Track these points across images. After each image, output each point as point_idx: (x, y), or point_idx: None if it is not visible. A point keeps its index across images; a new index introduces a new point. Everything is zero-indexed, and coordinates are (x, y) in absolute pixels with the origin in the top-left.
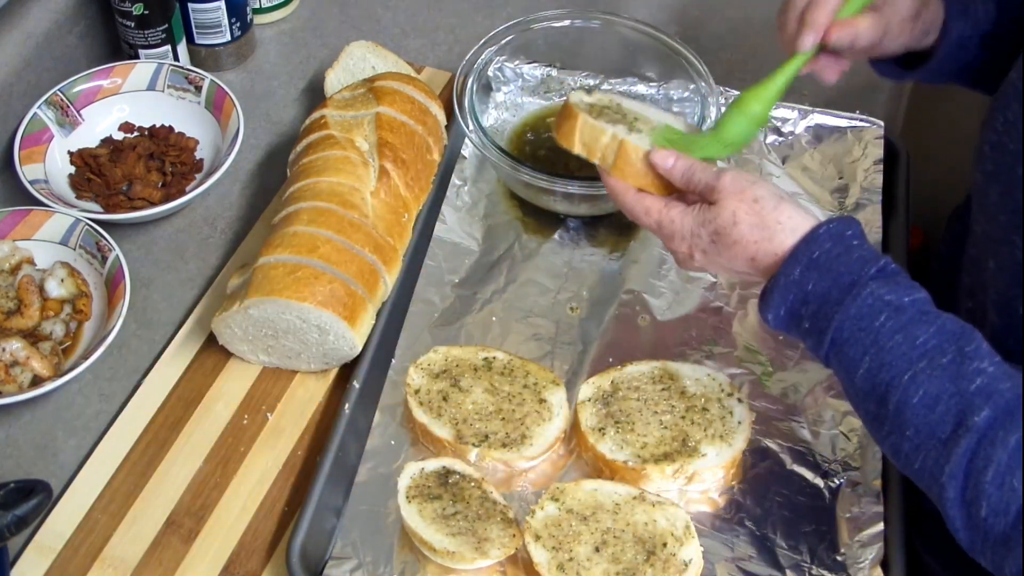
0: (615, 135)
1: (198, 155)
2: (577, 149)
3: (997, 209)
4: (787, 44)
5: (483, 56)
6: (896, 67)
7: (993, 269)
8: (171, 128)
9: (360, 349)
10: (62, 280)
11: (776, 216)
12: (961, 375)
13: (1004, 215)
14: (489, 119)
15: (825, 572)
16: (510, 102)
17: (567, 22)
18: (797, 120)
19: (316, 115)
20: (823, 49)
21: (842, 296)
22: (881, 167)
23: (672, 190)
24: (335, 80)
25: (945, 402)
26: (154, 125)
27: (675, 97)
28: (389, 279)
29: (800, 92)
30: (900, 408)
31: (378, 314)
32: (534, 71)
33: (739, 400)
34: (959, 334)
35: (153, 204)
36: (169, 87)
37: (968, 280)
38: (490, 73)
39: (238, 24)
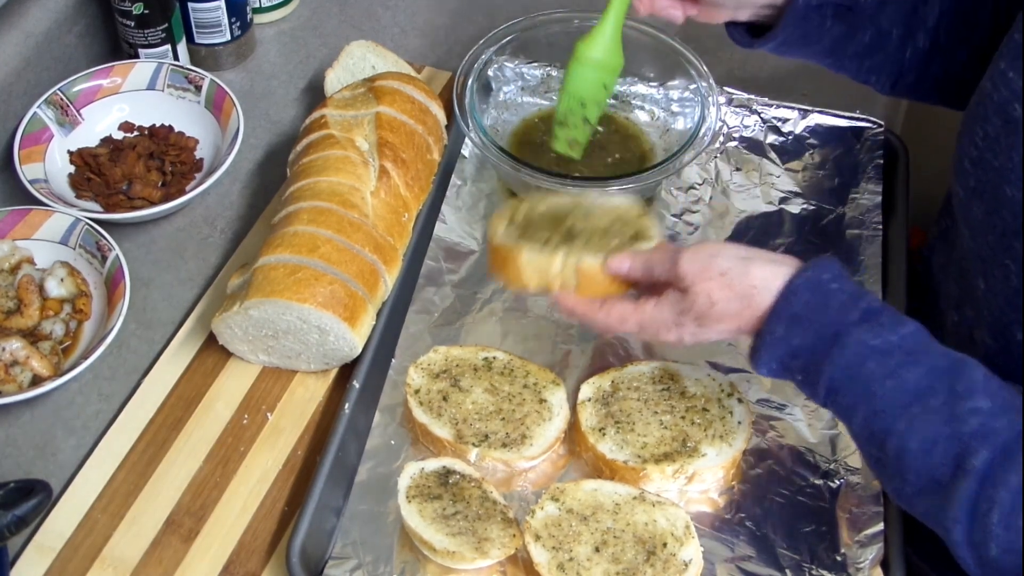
0: (566, 260)
1: (198, 155)
2: (532, 286)
3: (984, 228)
4: None
5: (483, 56)
6: (746, 35)
7: (984, 290)
8: (171, 128)
9: (360, 350)
10: (62, 280)
11: (749, 282)
12: (955, 417)
13: (992, 236)
14: (489, 119)
15: (825, 572)
16: (510, 102)
17: (567, 22)
18: (797, 120)
19: (316, 115)
20: None
21: (828, 348)
22: (881, 167)
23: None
24: (335, 80)
25: (942, 446)
26: (154, 125)
27: (675, 97)
28: (389, 279)
29: (800, 92)
30: (899, 454)
31: (378, 314)
32: (534, 71)
33: (739, 400)
34: (949, 371)
35: (153, 204)
36: (169, 87)
37: (956, 292)
38: (490, 73)
39: (238, 24)
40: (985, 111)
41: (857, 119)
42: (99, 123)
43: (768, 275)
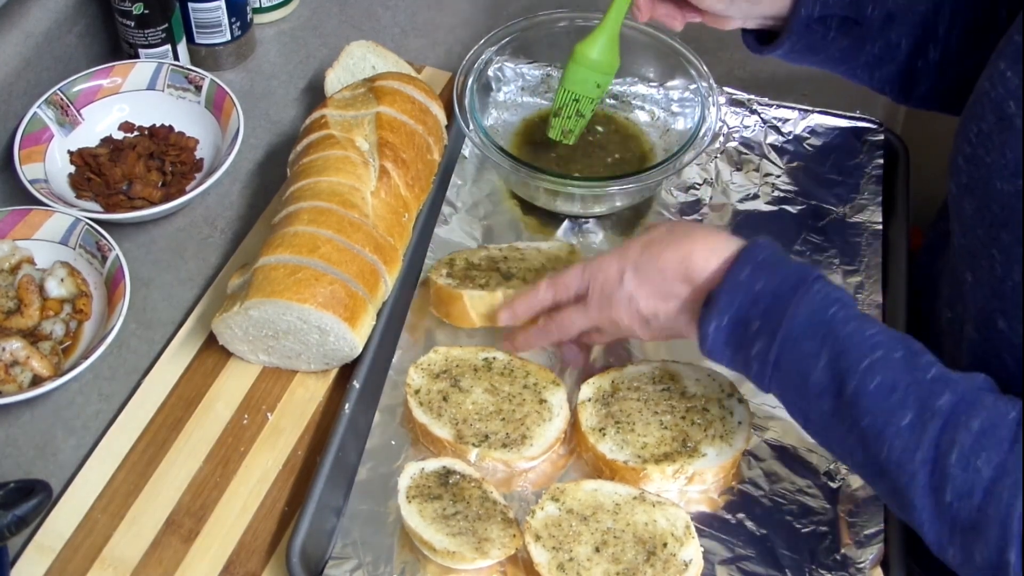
0: (507, 295)
1: (198, 155)
2: (478, 324)
3: (973, 223)
4: None
5: (483, 56)
6: (755, 41)
7: (971, 283)
8: (171, 128)
9: (360, 350)
10: (62, 280)
11: (701, 226)
12: (915, 366)
13: (981, 229)
14: (489, 119)
15: (825, 572)
16: (510, 102)
17: (567, 22)
18: (797, 120)
19: (316, 115)
20: None
21: (793, 291)
22: (881, 167)
23: None
24: (335, 80)
25: (903, 390)
26: (154, 125)
27: (675, 97)
28: (389, 279)
29: (800, 92)
30: (857, 395)
31: (378, 314)
32: (534, 71)
33: (739, 400)
34: (903, 337)
35: (153, 204)
36: (169, 87)
37: (948, 291)
38: (490, 73)
39: (238, 24)
40: (981, 109)
41: (857, 119)
42: (99, 123)
43: (712, 229)
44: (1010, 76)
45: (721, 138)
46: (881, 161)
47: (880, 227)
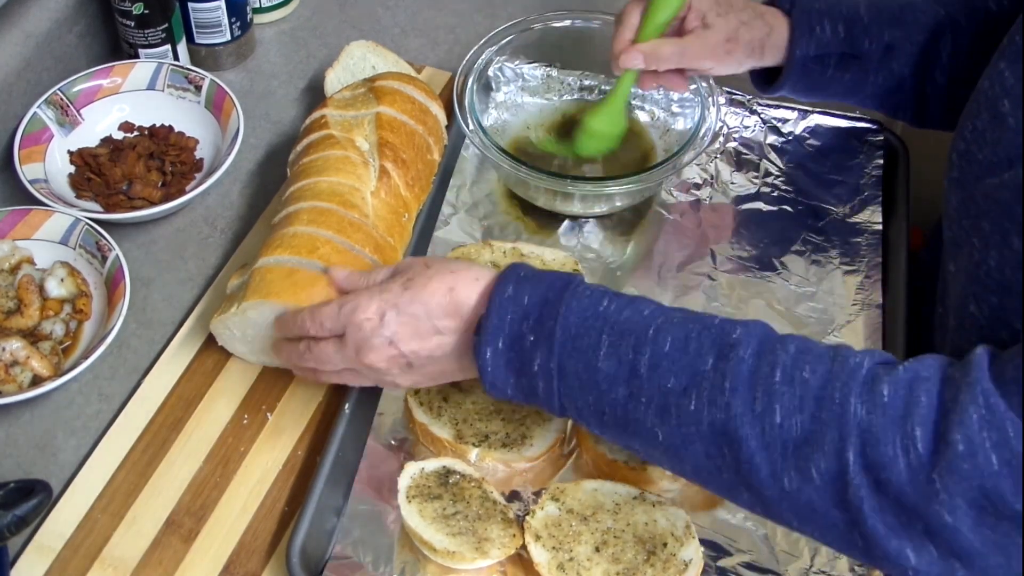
0: None
1: (198, 155)
2: None
3: (958, 214)
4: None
5: (483, 56)
6: (761, 81)
7: (952, 272)
8: (171, 128)
9: None
10: (62, 280)
11: (461, 260)
12: (699, 319)
13: (966, 219)
14: (489, 119)
15: (825, 572)
16: (510, 102)
17: (567, 22)
18: (797, 120)
19: (316, 115)
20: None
21: (559, 296)
22: (881, 167)
23: None
24: (335, 80)
25: (696, 339)
26: (154, 125)
27: (675, 97)
28: None
29: None
30: (654, 364)
31: None
32: (534, 71)
33: None
34: (681, 308)
35: (153, 204)
36: (169, 87)
37: (939, 286)
38: (490, 73)
39: (238, 24)
40: (977, 107)
41: (857, 119)
42: (99, 123)
43: (471, 263)
44: (1008, 75)
45: (721, 138)
46: (881, 161)
47: (880, 227)
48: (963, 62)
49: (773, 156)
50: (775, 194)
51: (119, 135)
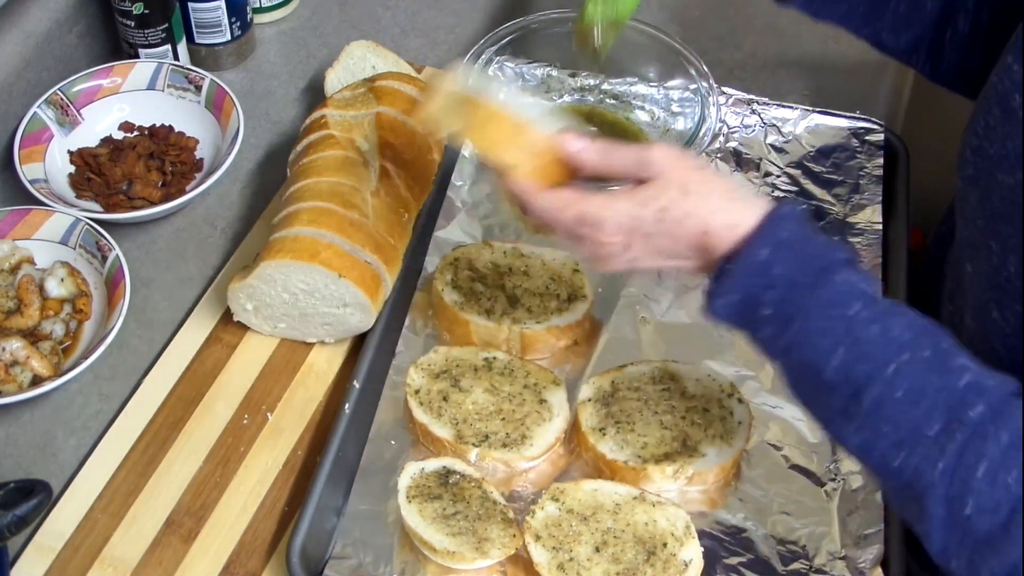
0: (511, 328)
1: (198, 155)
2: (480, 346)
3: (975, 214)
4: None
5: (483, 56)
6: None
7: (970, 273)
8: (171, 128)
9: (374, 320)
10: (62, 280)
11: (728, 184)
12: (947, 370)
13: (981, 220)
14: None
15: (825, 572)
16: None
17: (567, 22)
18: (797, 120)
19: (316, 115)
20: None
21: (814, 281)
22: (881, 167)
23: None
24: (335, 80)
25: (932, 397)
26: (154, 125)
27: (675, 97)
28: (390, 279)
29: (800, 92)
30: (880, 403)
31: (377, 316)
32: (534, 71)
33: (739, 400)
34: (931, 330)
35: (153, 204)
36: (169, 87)
37: (950, 285)
38: (490, 73)
39: (238, 24)
40: (988, 102)
41: (857, 119)
42: (99, 123)
43: (748, 191)
44: (1016, 69)
45: (721, 138)
46: (881, 161)
47: (880, 227)
48: (988, 16)
49: (773, 156)
50: (775, 194)
51: (119, 135)
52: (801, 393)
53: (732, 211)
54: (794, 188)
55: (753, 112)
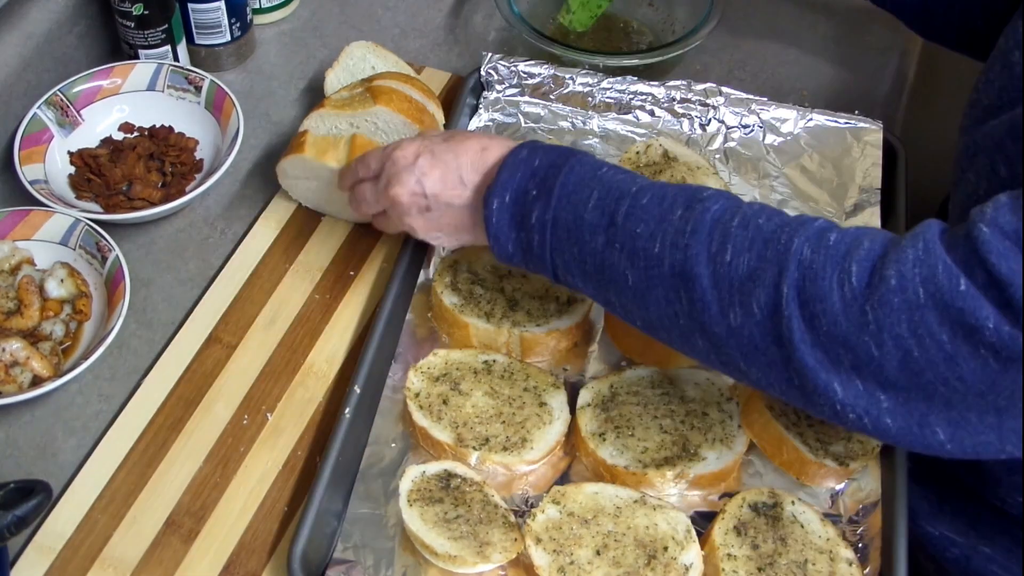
0: (511, 331)
1: (198, 155)
2: (479, 349)
3: (960, 157)
4: None
5: (483, 55)
6: None
7: (951, 210)
8: (171, 128)
9: None
10: (62, 280)
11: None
12: (683, 188)
13: (965, 159)
14: (480, 120)
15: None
16: (508, 102)
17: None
18: (796, 120)
19: (301, 128)
20: None
21: (565, 160)
22: (880, 167)
23: None
24: (335, 80)
25: (672, 196)
26: (154, 125)
27: (678, 98)
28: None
29: (799, 92)
30: (630, 213)
31: (377, 317)
32: (534, 71)
33: (738, 404)
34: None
35: (153, 204)
36: (169, 87)
37: None
38: (489, 72)
39: (238, 24)
40: (992, 61)
41: (856, 120)
42: (99, 124)
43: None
44: (1019, 27)
45: (721, 138)
46: (879, 162)
47: (879, 227)
48: None
49: (772, 156)
50: (774, 195)
51: (119, 136)
52: (576, 263)
53: (507, 140)
54: (793, 189)
55: (752, 112)
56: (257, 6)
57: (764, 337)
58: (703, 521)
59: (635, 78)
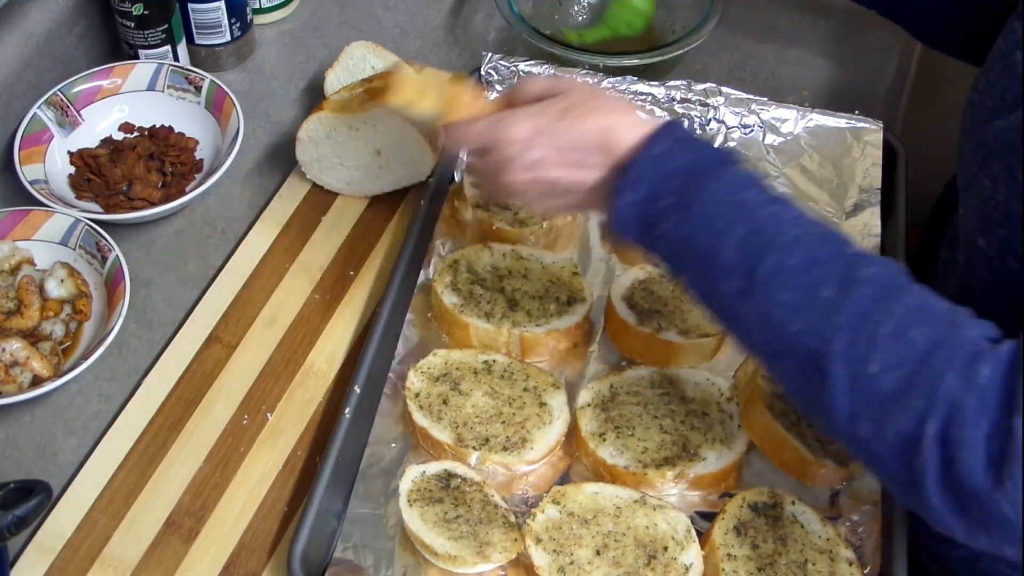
0: (511, 331)
1: (198, 155)
2: (480, 349)
3: (970, 159)
4: None
5: (483, 55)
6: None
7: (963, 215)
8: (171, 128)
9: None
10: (62, 280)
11: (628, 103)
12: (837, 242)
13: (976, 163)
14: None
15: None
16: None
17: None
18: (796, 120)
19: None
20: None
21: (710, 170)
22: (880, 167)
23: None
24: (335, 80)
25: (825, 263)
26: (154, 125)
27: (678, 98)
28: None
29: (799, 92)
30: (775, 271)
31: (377, 318)
32: (534, 71)
33: (738, 405)
34: (822, 221)
35: (153, 204)
36: (169, 87)
37: (950, 234)
38: (489, 72)
39: (238, 24)
40: (991, 62)
41: (856, 119)
42: (99, 124)
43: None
44: (1018, 29)
45: (721, 138)
46: (879, 161)
47: (879, 227)
48: None
49: (772, 156)
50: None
51: (119, 136)
52: (701, 288)
53: (632, 115)
54: (793, 188)
55: (752, 112)
56: (257, 6)
57: (892, 459)
58: (703, 521)
59: (635, 78)
